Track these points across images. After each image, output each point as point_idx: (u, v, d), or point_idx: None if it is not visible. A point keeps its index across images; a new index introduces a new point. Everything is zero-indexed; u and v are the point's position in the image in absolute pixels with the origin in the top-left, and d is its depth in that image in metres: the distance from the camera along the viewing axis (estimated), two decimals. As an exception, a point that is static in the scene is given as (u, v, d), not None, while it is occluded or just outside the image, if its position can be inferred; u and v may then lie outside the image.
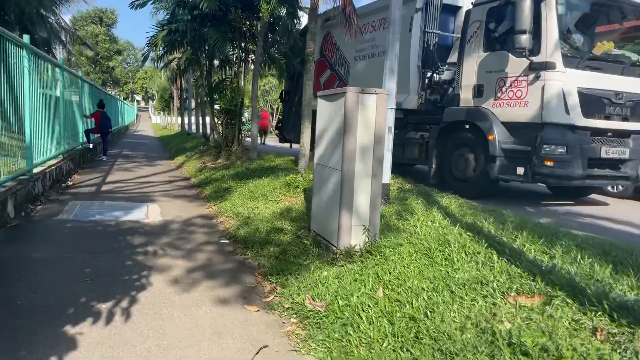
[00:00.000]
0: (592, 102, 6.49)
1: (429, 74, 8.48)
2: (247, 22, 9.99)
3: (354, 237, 3.88)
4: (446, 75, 8.43)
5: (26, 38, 6.29)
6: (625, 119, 6.82)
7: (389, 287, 3.30)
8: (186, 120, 25.31)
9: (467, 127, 7.30)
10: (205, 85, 12.05)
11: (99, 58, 67.87)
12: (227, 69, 12.03)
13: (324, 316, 3.06)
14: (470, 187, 7.12)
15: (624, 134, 6.95)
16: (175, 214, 6.35)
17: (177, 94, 31.73)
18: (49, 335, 2.76)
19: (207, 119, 18.09)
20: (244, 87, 11.04)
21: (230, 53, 11.03)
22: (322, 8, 8.46)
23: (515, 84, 6.66)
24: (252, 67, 10.89)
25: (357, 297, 3.18)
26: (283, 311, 3.29)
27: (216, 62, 12.01)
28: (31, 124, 6.37)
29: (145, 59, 12.18)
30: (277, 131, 16.40)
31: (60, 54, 18.32)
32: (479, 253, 3.56)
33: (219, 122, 11.33)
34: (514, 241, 3.74)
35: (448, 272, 3.36)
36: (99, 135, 13.05)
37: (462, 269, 3.35)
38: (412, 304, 3.01)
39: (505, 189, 8.48)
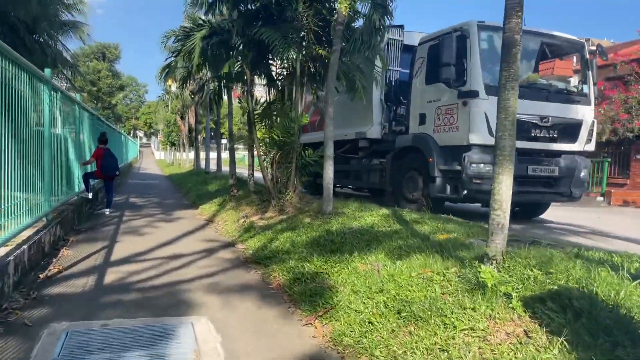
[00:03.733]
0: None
1: (393, 108, 9.19)
2: (314, 20, 7.04)
3: None
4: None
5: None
6: (553, 140, 7.35)
7: None
8: (202, 155, 22.09)
9: (414, 152, 7.94)
10: (246, 110, 9.03)
11: (100, 94, 65.61)
12: (272, 89, 9.06)
13: None
14: (419, 208, 7.36)
15: (553, 154, 7.52)
16: (252, 347, 3.18)
17: (186, 126, 28.78)
18: None
19: (242, 154, 15.06)
20: (301, 111, 8.02)
21: (283, 64, 8.11)
22: None
23: (449, 112, 7.35)
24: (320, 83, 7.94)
25: None
26: None
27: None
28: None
29: (168, 72, 9.17)
30: None
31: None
32: None
33: (268, 159, 8.25)
34: None
35: None
36: (101, 179, 9.97)
37: None
38: None
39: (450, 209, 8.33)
